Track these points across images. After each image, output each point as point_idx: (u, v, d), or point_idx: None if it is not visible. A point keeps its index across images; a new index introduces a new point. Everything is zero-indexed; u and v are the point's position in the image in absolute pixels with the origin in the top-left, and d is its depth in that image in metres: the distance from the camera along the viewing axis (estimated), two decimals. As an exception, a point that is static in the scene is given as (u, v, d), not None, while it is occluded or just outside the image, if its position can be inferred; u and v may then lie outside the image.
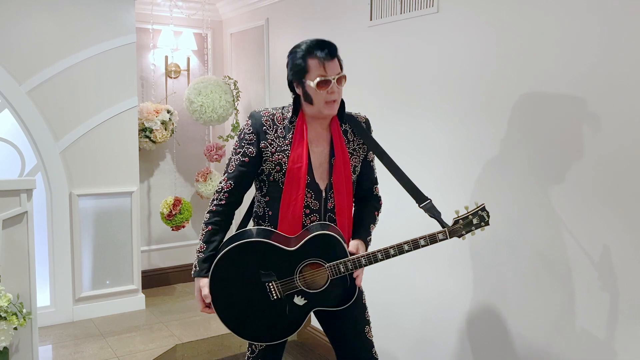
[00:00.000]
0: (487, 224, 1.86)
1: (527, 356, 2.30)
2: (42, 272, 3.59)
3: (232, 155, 1.95)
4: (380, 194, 2.12)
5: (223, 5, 4.61)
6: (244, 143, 1.92)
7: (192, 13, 4.49)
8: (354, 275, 1.90)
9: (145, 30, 4.36)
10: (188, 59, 4.61)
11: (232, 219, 1.99)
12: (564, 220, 2.13)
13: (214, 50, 4.79)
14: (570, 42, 2.07)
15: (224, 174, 1.96)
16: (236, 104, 4.27)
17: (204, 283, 1.90)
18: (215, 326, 3.76)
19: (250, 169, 1.93)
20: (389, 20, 2.91)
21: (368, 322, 2.06)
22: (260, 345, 2.03)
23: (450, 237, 1.84)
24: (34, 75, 3.61)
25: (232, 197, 1.94)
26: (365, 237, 1.99)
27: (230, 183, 1.93)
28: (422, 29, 2.72)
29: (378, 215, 2.08)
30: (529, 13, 2.22)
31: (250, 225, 2.06)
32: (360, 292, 2.05)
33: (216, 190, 1.96)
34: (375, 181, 2.09)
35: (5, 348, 2.51)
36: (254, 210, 2.06)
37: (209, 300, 1.89)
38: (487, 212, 1.86)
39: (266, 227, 1.96)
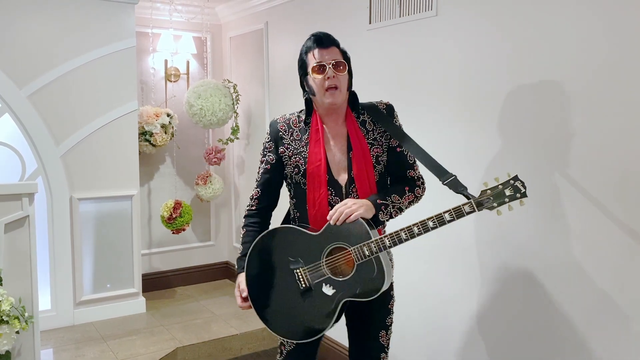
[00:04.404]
0: (524, 195, 1.69)
1: (535, 358, 2.31)
2: (43, 276, 3.59)
3: (260, 165, 2.05)
4: (423, 177, 2.02)
5: (222, 9, 4.63)
6: (265, 152, 2.02)
7: (192, 17, 4.51)
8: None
9: (144, 34, 4.37)
10: (187, 62, 4.62)
11: (268, 220, 2.09)
12: (570, 219, 2.14)
13: (213, 54, 4.80)
14: (570, 41, 2.09)
15: (255, 182, 2.07)
16: (236, 107, 4.28)
17: (240, 279, 2.00)
18: (216, 329, 3.77)
19: (273, 175, 2.01)
20: (388, 24, 2.92)
21: (386, 327, 2.03)
22: (290, 346, 2.03)
23: (478, 209, 1.71)
24: (34, 79, 3.62)
25: (261, 203, 2.05)
26: (374, 197, 1.88)
27: (257, 190, 2.05)
28: (421, 32, 2.74)
29: (410, 191, 1.95)
30: (528, 15, 2.23)
31: None
32: (390, 297, 2.03)
33: (250, 197, 2.08)
34: (408, 166, 1.99)
35: (7, 352, 2.51)
36: (290, 212, 2.10)
37: (245, 294, 1.97)
38: (522, 182, 1.69)
39: (298, 224, 1.99)
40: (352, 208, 1.82)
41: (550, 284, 2.21)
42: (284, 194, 2.08)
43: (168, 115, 4.28)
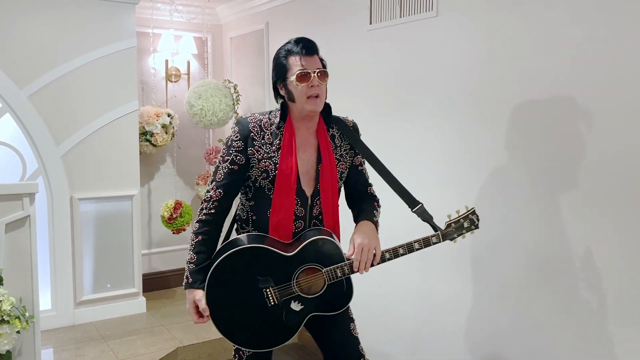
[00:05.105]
0: (476, 227, 1.94)
1: (525, 357, 2.31)
2: (43, 276, 3.59)
3: (220, 163, 1.92)
4: (377, 195, 2.11)
5: (223, 9, 4.64)
6: (232, 151, 1.90)
7: (192, 17, 4.51)
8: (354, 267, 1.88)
9: (145, 34, 4.38)
10: (188, 62, 4.63)
11: (222, 227, 1.97)
12: (560, 222, 2.15)
13: (213, 54, 4.80)
14: (568, 45, 2.09)
15: (212, 182, 1.93)
16: (236, 107, 4.29)
17: (199, 295, 1.86)
18: (216, 329, 3.76)
19: (238, 177, 1.91)
20: (389, 24, 2.93)
21: (352, 320, 2.05)
22: (248, 352, 2.01)
23: (443, 241, 1.91)
24: (35, 79, 3.62)
25: (221, 206, 1.92)
26: (371, 217, 1.96)
27: (219, 192, 1.91)
28: (421, 32, 2.74)
29: (377, 207, 2.05)
30: (528, 15, 2.24)
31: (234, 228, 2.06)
32: None
33: (204, 199, 1.93)
34: (368, 183, 2.08)
35: (8, 351, 2.51)
36: (237, 213, 2.05)
37: (207, 313, 1.86)
38: (477, 216, 1.94)
39: (258, 233, 1.94)
40: (373, 252, 1.86)
41: (547, 284, 2.21)
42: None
43: (168, 115, 4.28)
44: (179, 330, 3.74)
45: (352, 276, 1.91)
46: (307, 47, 1.85)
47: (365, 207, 2.03)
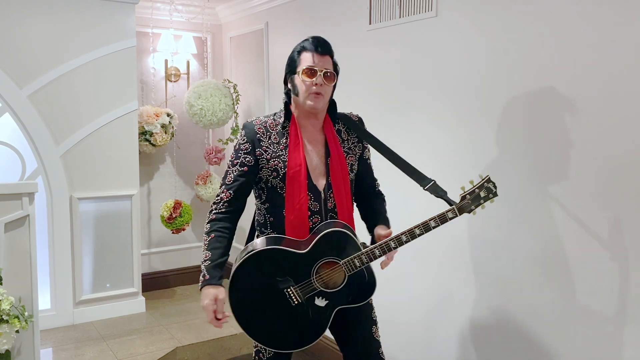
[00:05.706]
0: (495, 194, 1.85)
1: (529, 356, 2.32)
2: (43, 276, 3.59)
3: (230, 167, 1.95)
4: (383, 187, 2.16)
5: (223, 9, 4.64)
6: (240, 153, 1.93)
7: (192, 17, 4.52)
8: (383, 262, 1.93)
9: (145, 34, 4.38)
10: (188, 62, 4.63)
11: (235, 226, 1.97)
12: (562, 220, 2.15)
13: (213, 54, 4.81)
14: (566, 45, 2.09)
15: (222, 186, 1.95)
16: (236, 107, 4.29)
17: (220, 292, 1.86)
18: (216, 328, 3.76)
19: (248, 178, 1.93)
20: (388, 25, 2.93)
21: (375, 322, 2.06)
22: (269, 354, 2.01)
23: (460, 214, 1.83)
24: (35, 79, 3.62)
25: (231, 206, 1.94)
26: (387, 224, 2.02)
27: (229, 193, 1.93)
28: (421, 33, 2.75)
29: (385, 205, 2.11)
30: (528, 17, 2.24)
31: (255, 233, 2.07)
32: None
33: (214, 202, 1.95)
34: (375, 178, 2.13)
35: (7, 351, 2.52)
36: (256, 218, 2.05)
37: (221, 316, 1.86)
38: (494, 183, 1.85)
39: (274, 235, 1.94)
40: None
41: (549, 284, 2.22)
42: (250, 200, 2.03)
43: (168, 115, 4.28)
44: (179, 330, 3.75)
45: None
46: (320, 46, 1.90)
47: (381, 208, 2.08)
